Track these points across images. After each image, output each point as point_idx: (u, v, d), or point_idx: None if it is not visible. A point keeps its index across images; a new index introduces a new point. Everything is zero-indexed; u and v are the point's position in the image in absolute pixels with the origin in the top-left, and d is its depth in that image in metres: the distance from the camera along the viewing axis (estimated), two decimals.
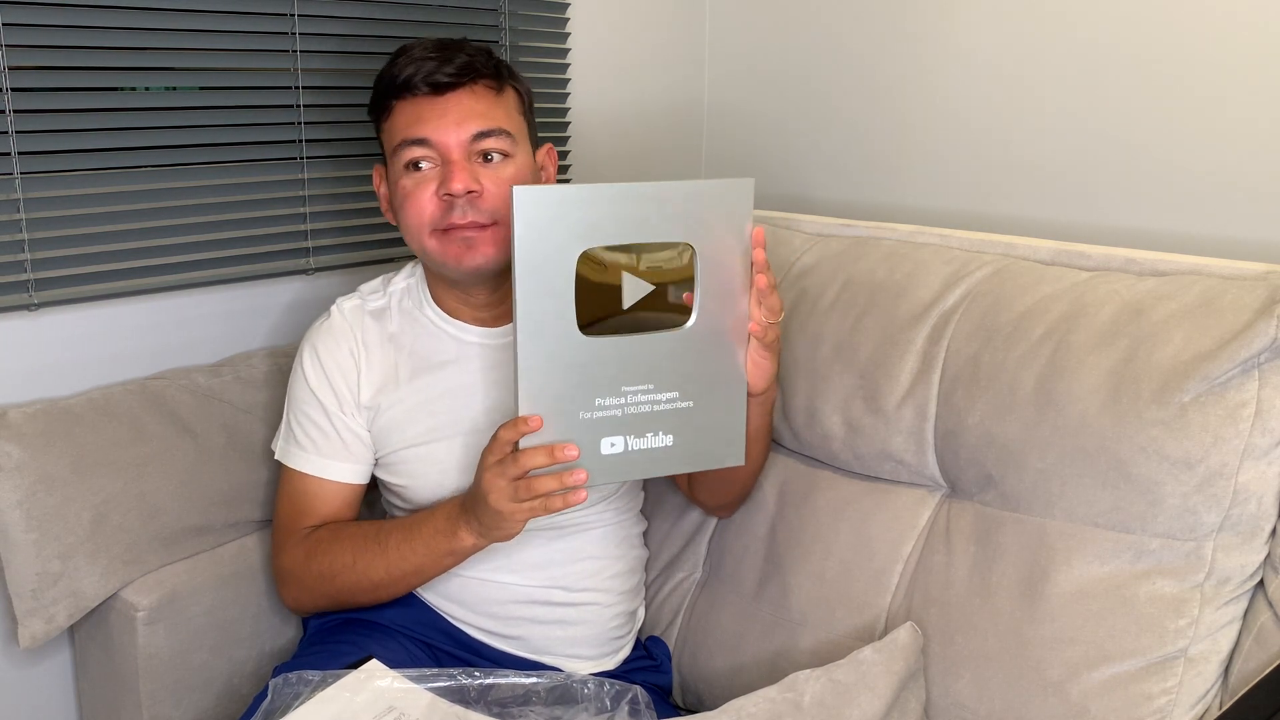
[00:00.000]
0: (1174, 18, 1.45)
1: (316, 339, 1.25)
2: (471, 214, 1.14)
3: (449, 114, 1.15)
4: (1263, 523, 1.05)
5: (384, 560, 1.17)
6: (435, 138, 1.14)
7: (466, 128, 1.15)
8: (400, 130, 1.16)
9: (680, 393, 1.06)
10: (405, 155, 1.16)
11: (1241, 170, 1.42)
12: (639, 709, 1.08)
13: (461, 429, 1.22)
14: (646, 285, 1.05)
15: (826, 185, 1.87)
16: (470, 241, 1.15)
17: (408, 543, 1.16)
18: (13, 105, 1.23)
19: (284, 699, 1.04)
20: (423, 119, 1.15)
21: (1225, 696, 1.05)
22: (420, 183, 1.15)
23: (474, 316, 1.24)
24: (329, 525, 1.23)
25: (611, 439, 1.05)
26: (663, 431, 1.07)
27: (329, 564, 1.20)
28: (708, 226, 1.04)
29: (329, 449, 1.23)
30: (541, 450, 1.01)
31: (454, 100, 1.15)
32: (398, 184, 1.17)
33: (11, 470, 1.19)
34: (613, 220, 1.01)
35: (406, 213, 1.17)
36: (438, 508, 1.16)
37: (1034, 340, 1.16)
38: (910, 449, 1.24)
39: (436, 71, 1.14)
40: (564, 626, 1.27)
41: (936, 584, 1.18)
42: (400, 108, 1.17)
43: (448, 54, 1.16)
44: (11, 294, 1.27)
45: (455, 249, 1.16)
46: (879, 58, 1.76)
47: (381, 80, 1.19)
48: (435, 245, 1.17)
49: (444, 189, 1.14)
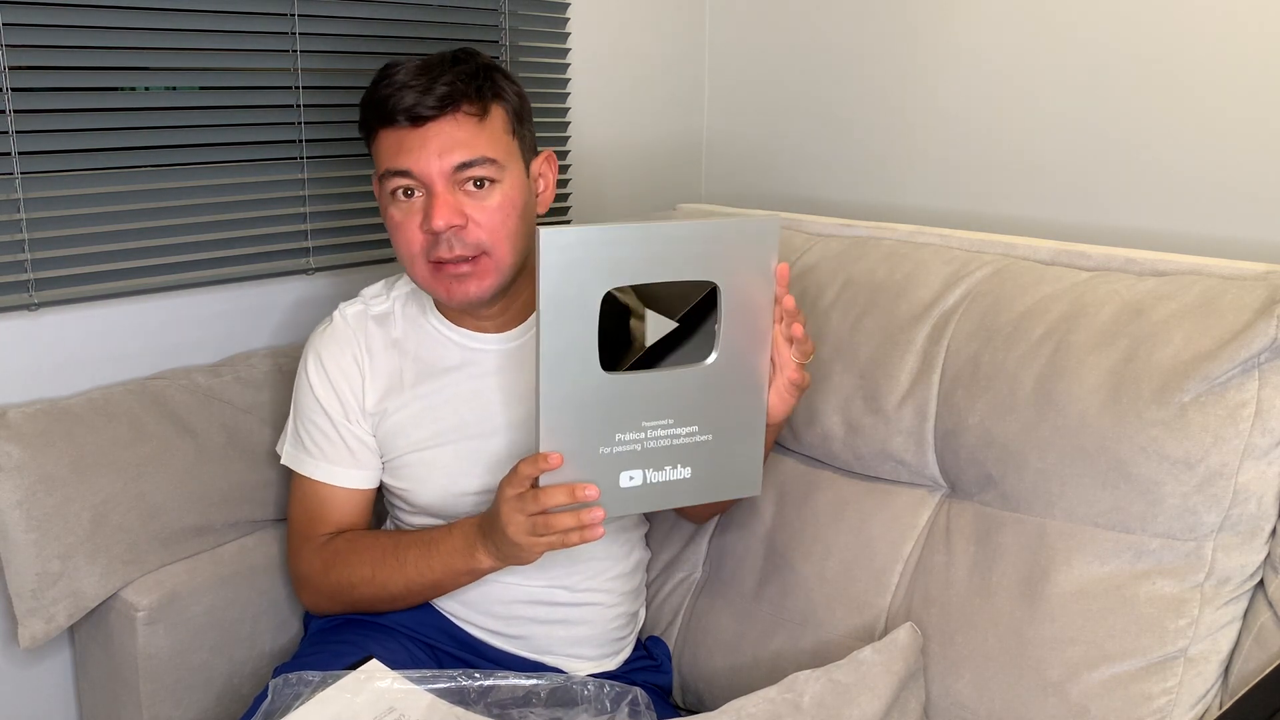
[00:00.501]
0: (1174, 18, 1.45)
1: (320, 345, 1.25)
2: (459, 247, 1.13)
3: (429, 144, 1.12)
4: (1263, 523, 1.05)
5: (402, 575, 1.18)
6: (417, 169, 1.12)
7: (449, 159, 1.12)
8: (385, 159, 1.14)
9: (700, 427, 1.06)
10: (390, 184, 1.14)
11: (1241, 170, 1.42)
12: (639, 710, 1.08)
13: (466, 434, 1.22)
14: (669, 322, 1.06)
15: (826, 185, 1.87)
16: (461, 277, 1.14)
17: (425, 560, 1.17)
18: (13, 105, 1.23)
19: (284, 699, 1.04)
20: (405, 149, 1.12)
21: (1225, 696, 1.05)
22: (407, 213, 1.14)
23: (478, 325, 1.24)
24: (345, 535, 1.24)
25: (630, 473, 1.04)
26: (681, 464, 1.06)
27: (347, 576, 1.21)
28: (732, 265, 1.04)
29: (336, 456, 1.24)
30: (562, 489, 1.01)
31: (434, 130, 1.12)
32: (387, 211, 1.16)
33: (11, 470, 1.19)
34: (637, 260, 1.01)
35: (396, 241, 1.16)
36: (454, 527, 1.16)
37: (1034, 340, 1.16)
38: (910, 449, 1.24)
39: (417, 104, 1.11)
40: (566, 626, 1.27)
41: (936, 584, 1.18)
42: (384, 135, 1.14)
43: (428, 81, 1.12)
44: (11, 294, 1.27)
45: (445, 284, 1.15)
46: (880, 57, 1.76)
47: (366, 104, 1.16)
48: (426, 276, 1.16)
49: (426, 224, 1.12)
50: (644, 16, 1.90)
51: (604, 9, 1.83)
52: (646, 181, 1.96)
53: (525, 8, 1.70)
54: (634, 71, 1.91)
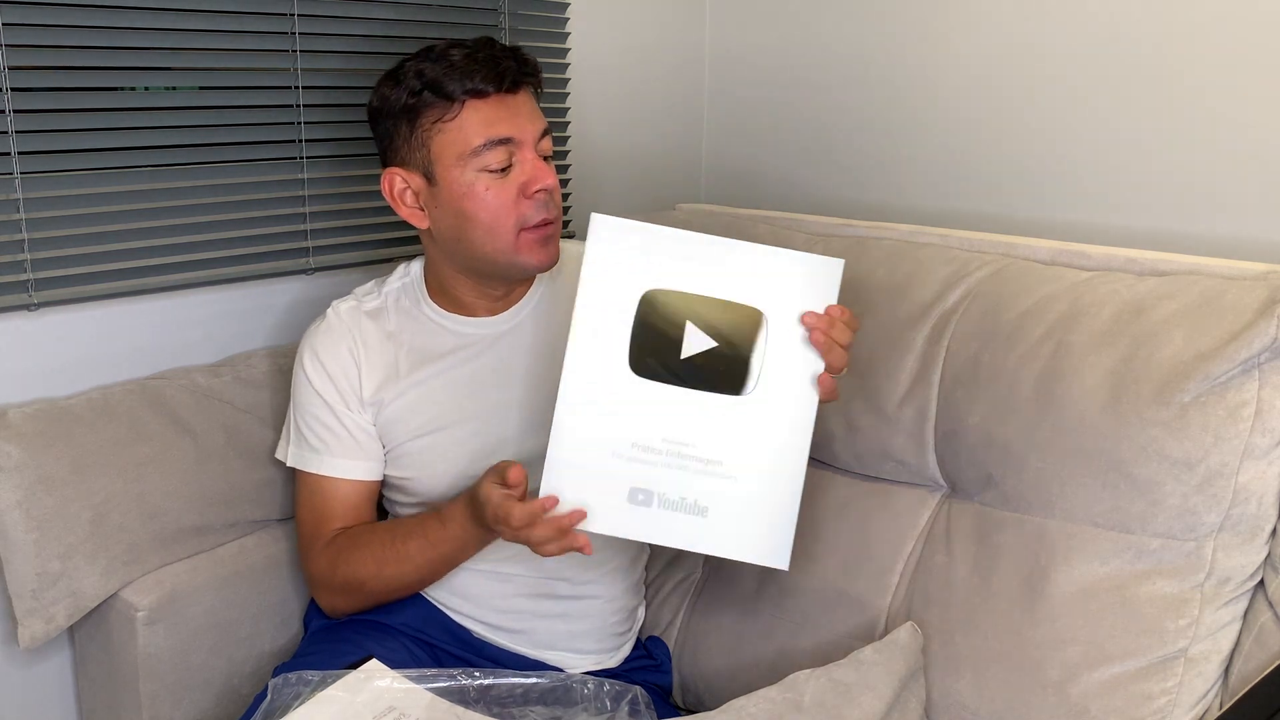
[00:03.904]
0: (1174, 18, 1.44)
1: (315, 340, 1.25)
2: (551, 209, 1.18)
3: (521, 111, 1.16)
4: (1263, 523, 1.05)
5: (411, 565, 1.20)
6: (518, 134, 1.15)
7: (538, 124, 1.17)
8: (479, 131, 1.14)
9: (725, 463, 1.02)
10: (489, 157, 1.14)
11: (1241, 170, 1.42)
12: (639, 709, 1.08)
13: (464, 416, 1.23)
14: (709, 340, 1.03)
15: (826, 185, 1.87)
16: (550, 239, 1.19)
17: (433, 549, 1.19)
18: (13, 105, 1.23)
19: (284, 699, 1.03)
20: (499, 118, 1.15)
21: (1225, 696, 1.05)
22: (502, 183, 1.15)
23: (470, 310, 1.26)
24: (347, 533, 1.24)
25: (640, 490, 1.02)
26: (698, 499, 1.02)
27: (353, 573, 1.22)
28: (787, 299, 1.02)
29: (340, 448, 1.24)
30: (551, 525, 1.02)
31: (522, 98, 1.17)
32: (473, 187, 1.15)
33: (11, 470, 1.19)
34: (688, 268, 1.00)
35: (481, 213, 1.16)
36: (448, 519, 1.16)
37: (1034, 340, 1.16)
38: (910, 449, 1.24)
39: (517, 71, 1.15)
40: (566, 620, 1.27)
41: (936, 584, 1.18)
42: (470, 109, 1.14)
43: (498, 55, 1.16)
44: (11, 294, 1.27)
45: (537, 249, 1.18)
46: (880, 57, 1.76)
47: (435, 84, 1.14)
48: (510, 246, 1.17)
49: (536, 185, 1.15)
50: (644, 16, 1.90)
51: (604, 9, 1.83)
52: (646, 181, 1.96)
53: (525, 8, 1.70)
54: (634, 71, 1.90)
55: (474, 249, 1.19)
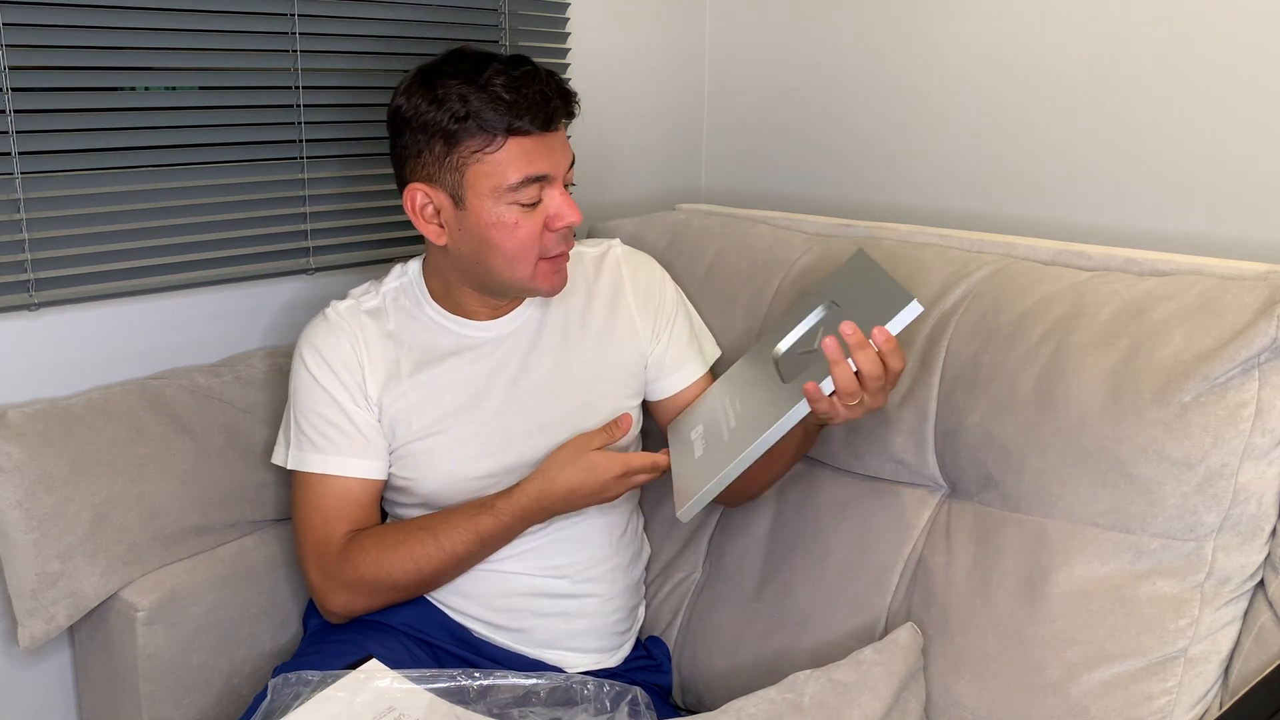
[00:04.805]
0: (1174, 18, 1.44)
1: (315, 337, 1.25)
2: (571, 240, 1.23)
3: (555, 148, 1.18)
4: (1263, 523, 1.05)
5: (454, 560, 1.21)
6: (554, 172, 1.17)
7: (567, 158, 1.20)
8: (518, 167, 1.14)
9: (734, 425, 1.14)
10: (526, 193, 1.15)
11: (1241, 170, 1.42)
12: (639, 709, 1.08)
13: (467, 418, 1.23)
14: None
15: (827, 185, 1.87)
16: (564, 265, 1.23)
17: (482, 544, 1.21)
18: (13, 105, 1.23)
19: (284, 699, 1.03)
20: (538, 154, 1.15)
21: (1225, 696, 1.05)
22: (531, 216, 1.16)
23: (472, 313, 1.26)
24: (369, 534, 1.22)
25: (700, 435, 1.20)
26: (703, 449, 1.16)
27: (388, 573, 1.20)
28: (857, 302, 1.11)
29: (348, 446, 1.22)
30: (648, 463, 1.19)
31: (560, 134, 1.19)
32: (501, 218, 1.15)
33: (11, 470, 1.19)
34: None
35: (508, 242, 1.17)
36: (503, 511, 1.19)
37: (1034, 340, 1.16)
38: (910, 449, 1.24)
39: (563, 111, 1.18)
40: (566, 619, 1.27)
41: (936, 584, 1.18)
42: (513, 145, 1.14)
43: (550, 89, 1.16)
44: (11, 294, 1.27)
45: (553, 276, 1.21)
46: (880, 57, 1.76)
47: (479, 115, 1.13)
48: (529, 273, 1.19)
49: (563, 222, 1.17)
50: (644, 16, 1.90)
51: (604, 9, 1.83)
52: (646, 181, 1.96)
53: (525, 8, 1.70)
54: (634, 72, 1.90)
55: (492, 274, 1.19)
